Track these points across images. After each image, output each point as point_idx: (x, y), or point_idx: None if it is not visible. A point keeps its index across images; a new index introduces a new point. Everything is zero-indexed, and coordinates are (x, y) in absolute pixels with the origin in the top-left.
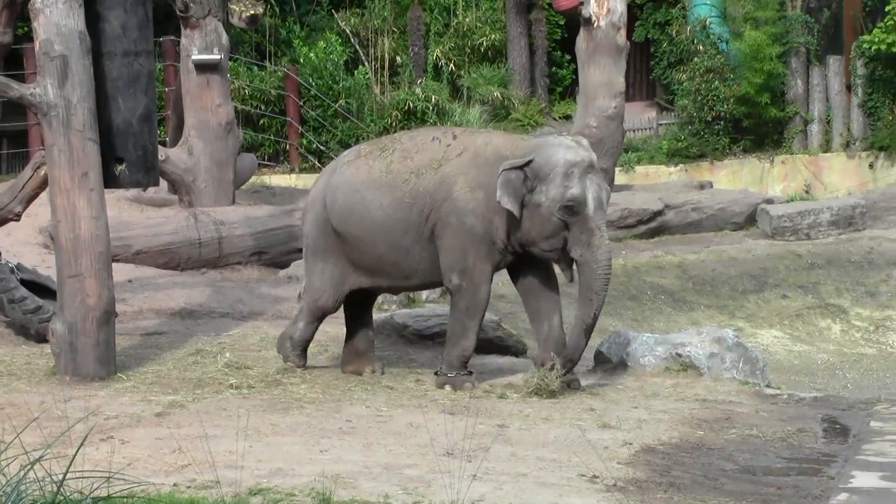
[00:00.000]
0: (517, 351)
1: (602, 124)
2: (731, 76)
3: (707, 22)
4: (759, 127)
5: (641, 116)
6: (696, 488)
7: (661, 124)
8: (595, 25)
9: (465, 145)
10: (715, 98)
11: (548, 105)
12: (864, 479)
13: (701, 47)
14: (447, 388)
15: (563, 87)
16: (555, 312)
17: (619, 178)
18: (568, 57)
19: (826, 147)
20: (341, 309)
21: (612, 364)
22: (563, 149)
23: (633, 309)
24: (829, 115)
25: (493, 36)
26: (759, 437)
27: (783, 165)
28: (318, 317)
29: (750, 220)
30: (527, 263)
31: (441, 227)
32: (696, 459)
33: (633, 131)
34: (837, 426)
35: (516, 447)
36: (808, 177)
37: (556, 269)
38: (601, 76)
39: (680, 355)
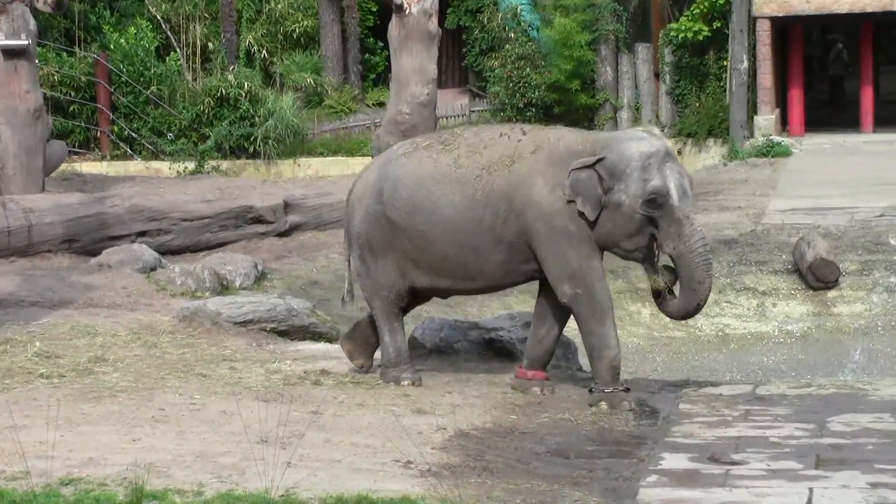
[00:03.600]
0: (331, 338)
1: (415, 111)
2: (542, 63)
3: (518, 9)
4: (570, 113)
5: (454, 103)
6: (509, 472)
7: (473, 111)
8: (407, 12)
9: (537, 142)
10: (526, 85)
11: (361, 92)
12: (673, 461)
13: (512, 34)
14: (603, 405)
15: (377, 74)
16: (558, 326)
17: None
18: (381, 44)
19: None
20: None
21: (425, 349)
22: (635, 141)
23: None
24: (638, 102)
25: (306, 22)
26: (570, 420)
27: None
28: (397, 314)
29: None
30: None
31: (533, 238)
32: (510, 443)
33: (446, 118)
34: (647, 409)
35: (330, 433)
36: None
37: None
38: (413, 63)
39: (493, 340)
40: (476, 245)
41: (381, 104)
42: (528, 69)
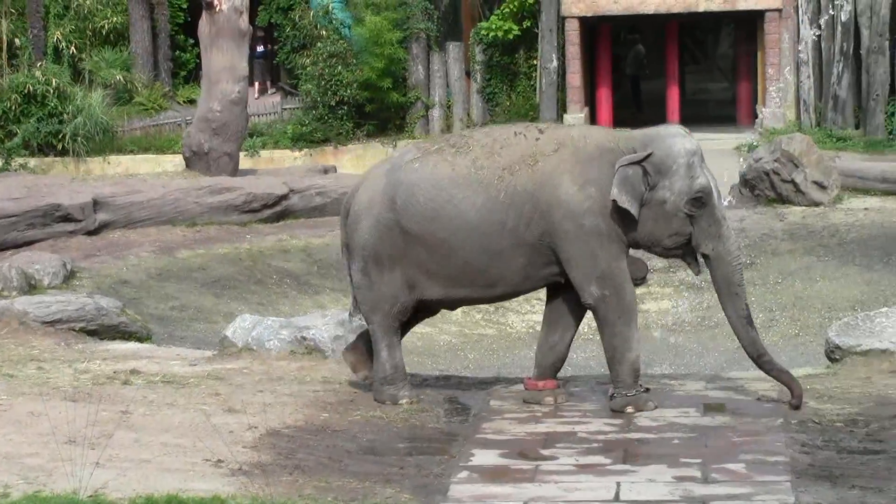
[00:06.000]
0: (141, 336)
1: (226, 108)
2: (354, 61)
3: (329, 7)
4: (382, 112)
5: (266, 101)
6: (320, 470)
7: (285, 109)
8: (217, 9)
9: (558, 140)
10: (338, 83)
11: (171, 89)
12: (484, 457)
13: (324, 32)
14: (629, 409)
15: (187, 71)
16: (572, 329)
17: (244, 162)
18: (192, 41)
19: (447, 132)
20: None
21: (237, 349)
22: (679, 138)
23: (259, 293)
24: (449, 101)
25: (115, 19)
26: (382, 418)
27: None
28: (395, 328)
29: None
30: None
31: (559, 238)
32: (321, 441)
33: (258, 116)
34: (458, 406)
35: (140, 433)
36: None
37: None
38: (224, 60)
39: (305, 338)
40: (498, 250)
41: (192, 101)
42: (339, 67)
